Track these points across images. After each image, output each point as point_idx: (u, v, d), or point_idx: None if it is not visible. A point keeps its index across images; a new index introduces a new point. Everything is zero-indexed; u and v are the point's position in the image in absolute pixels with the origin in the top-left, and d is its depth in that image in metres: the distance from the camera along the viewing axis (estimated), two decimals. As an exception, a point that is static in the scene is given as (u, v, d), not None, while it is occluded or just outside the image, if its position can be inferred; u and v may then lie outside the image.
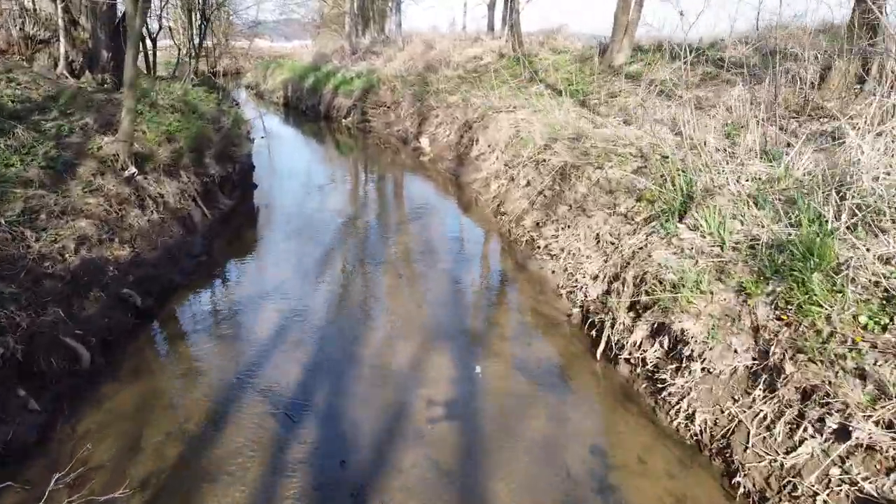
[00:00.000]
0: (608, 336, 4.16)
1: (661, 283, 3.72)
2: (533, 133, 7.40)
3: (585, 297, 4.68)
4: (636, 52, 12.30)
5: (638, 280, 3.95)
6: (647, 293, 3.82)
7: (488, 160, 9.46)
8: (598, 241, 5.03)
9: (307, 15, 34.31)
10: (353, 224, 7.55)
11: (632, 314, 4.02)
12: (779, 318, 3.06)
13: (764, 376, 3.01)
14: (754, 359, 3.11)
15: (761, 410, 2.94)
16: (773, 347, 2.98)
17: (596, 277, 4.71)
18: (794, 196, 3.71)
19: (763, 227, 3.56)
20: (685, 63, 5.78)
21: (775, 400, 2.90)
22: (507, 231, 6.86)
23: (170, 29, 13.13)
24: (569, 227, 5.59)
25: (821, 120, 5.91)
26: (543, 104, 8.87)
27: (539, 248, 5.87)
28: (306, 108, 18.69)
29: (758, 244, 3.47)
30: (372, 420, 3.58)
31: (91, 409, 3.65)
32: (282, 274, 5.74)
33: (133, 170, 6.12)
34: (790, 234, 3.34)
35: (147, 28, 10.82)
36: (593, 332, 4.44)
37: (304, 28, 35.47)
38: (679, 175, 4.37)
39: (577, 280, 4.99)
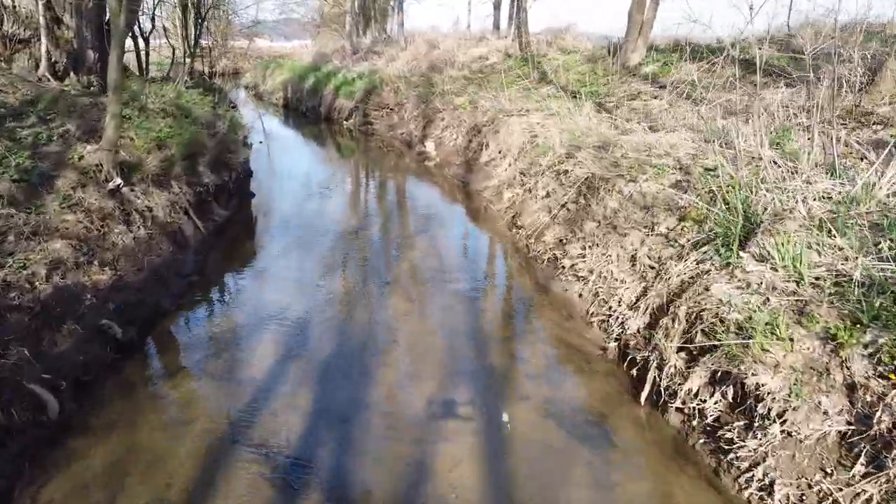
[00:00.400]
0: (654, 378, 3.63)
1: (722, 322, 3.18)
2: (551, 139, 6.86)
3: (623, 329, 4.14)
4: (651, 51, 11.78)
5: (692, 317, 3.41)
6: (704, 333, 3.29)
7: (500, 167, 8.93)
8: (634, 264, 4.50)
9: (307, 14, 33.83)
10: (356, 237, 7.01)
11: (683, 354, 3.48)
12: (883, 377, 2.53)
13: (865, 447, 2.48)
14: (850, 424, 2.58)
15: (864, 490, 2.41)
16: (877, 413, 2.46)
17: (635, 307, 4.18)
18: (879, 222, 3.19)
19: (850, 259, 3.03)
20: (725, 62, 5.24)
21: (884, 479, 2.37)
22: (525, 246, 6.32)
23: (164, 28, 12.58)
24: (597, 245, 5.06)
25: (873, 126, 5.38)
26: (560, 107, 8.34)
27: (563, 268, 5.34)
28: (307, 110, 18.16)
29: (845, 281, 2.94)
30: (387, 486, 3.05)
31: (57, 472, 3.11)
32: (280, 297, 5.20)
33: (118, 181, 5.59)
34: (890, 272, 2.82)
35: (139, 27, 10.29)
36: (634, 371, 3.91)
37: (304, 28, 34.98)
38: (733, 193, 3.83)
39: (610, 308, 4.46)
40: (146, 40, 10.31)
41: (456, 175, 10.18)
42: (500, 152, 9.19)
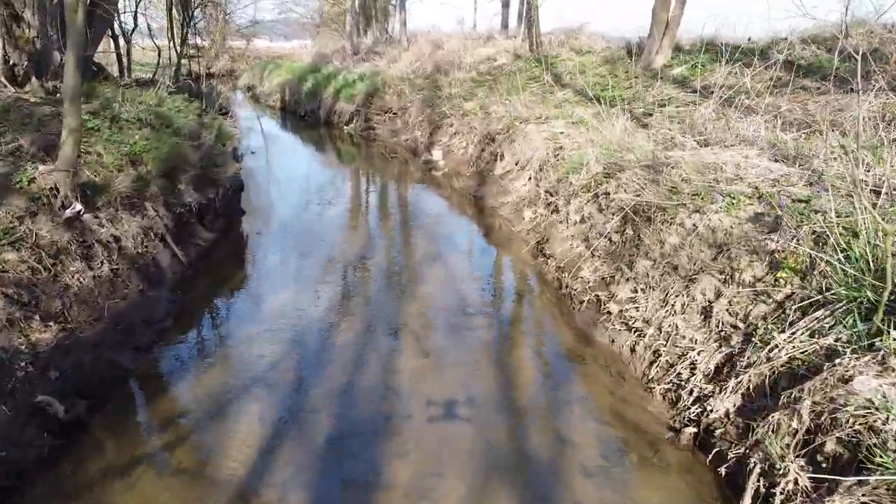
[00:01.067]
0: (757, 487, 2.73)
1: (875, 433, 2.29)
2: (584, 154, 5.97)
3: (704, 410, 3.25)
4: (677, 52, 10.90)
5: (821, 415, 2.52)
6: (843, 444, 2.39)
7: (518, 180, 8.05)
8: (708, 320, 3.60)
9: (306, 14, 33.03)
10: (359, 265, 6.11)
11: (804, 460, 2.58)
12: None
13: None
14: None
15: None
16: None
17: (715, 379, 3.28)
18: None
19: None
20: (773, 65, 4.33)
21: None
22: (556, 280, 5.43)
23: (148, 27, 11.69)
24: (653, 289, 4.17)
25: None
26: (586, 115, 7.45)
27: (610, 313, 4.44)
28: (305, 113, 17.27)
29: None
30: None
31: None
32: (270, 350, 4.31)
33: (77, 207, 4.70)
34: None
35: (120, 25, 9.41)
36: (723, 470, 3.01)
37: (304, 27, 34.18)
38: (848, 236, 2.94)
39: (679, 375, 3.57)
40: (128, 40, 9.42)
41: (467, 188, 9.30)
42: (517, 164, 8.30)
